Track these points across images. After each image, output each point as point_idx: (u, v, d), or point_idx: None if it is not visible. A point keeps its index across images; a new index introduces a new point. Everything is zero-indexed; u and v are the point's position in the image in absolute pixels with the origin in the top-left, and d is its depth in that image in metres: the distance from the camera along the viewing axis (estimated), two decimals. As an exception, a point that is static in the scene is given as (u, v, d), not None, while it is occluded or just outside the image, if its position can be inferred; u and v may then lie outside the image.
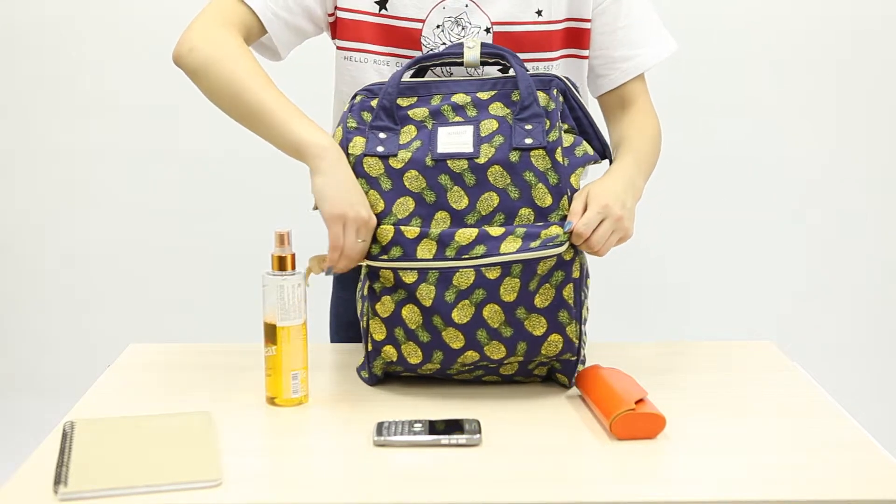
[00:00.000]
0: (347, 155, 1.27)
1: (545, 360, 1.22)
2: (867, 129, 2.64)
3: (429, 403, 1.21)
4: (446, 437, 1.08)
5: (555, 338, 1.19)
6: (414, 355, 1.22)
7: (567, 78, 1.27)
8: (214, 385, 1.28)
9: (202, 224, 2.64)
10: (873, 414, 1.68)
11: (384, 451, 1.07)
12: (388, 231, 1.21)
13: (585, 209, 1.20)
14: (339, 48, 1.39)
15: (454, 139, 1.22)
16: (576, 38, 1.39)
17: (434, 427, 1.10)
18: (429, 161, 1.22)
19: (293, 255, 1.18)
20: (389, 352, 1.23)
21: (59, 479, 0.97)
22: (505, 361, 1.21)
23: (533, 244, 1.16)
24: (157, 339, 1.58)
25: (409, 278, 1.19)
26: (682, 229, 2.61)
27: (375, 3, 1.34)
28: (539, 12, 1.35)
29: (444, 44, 1.34)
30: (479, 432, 1.08)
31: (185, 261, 2.65)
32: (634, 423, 1.10)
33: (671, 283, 2.62)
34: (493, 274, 1.17)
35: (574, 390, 1.26)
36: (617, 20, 1.39)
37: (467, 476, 1.01)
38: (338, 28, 1.37)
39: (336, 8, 1.36)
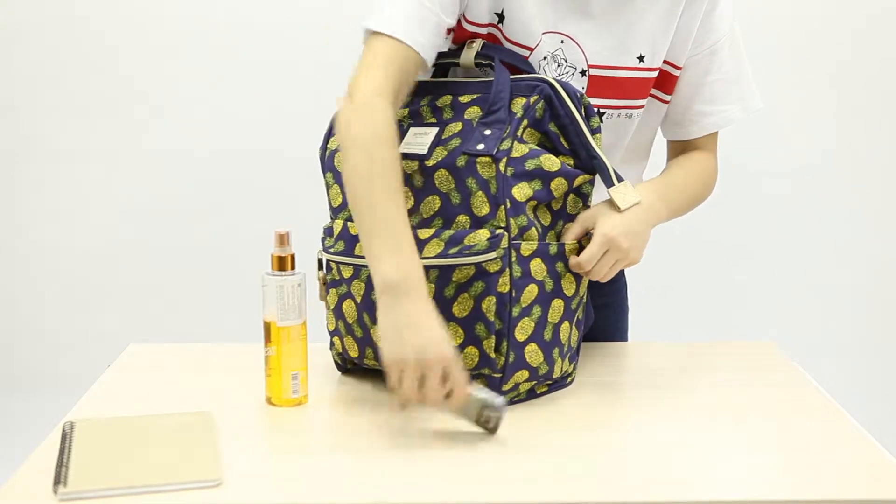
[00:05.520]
0: (326, 149, 1.29)
1: (473, 373, 1.17)
2: (866, 129, 2.64)
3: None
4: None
5: (471, 350, 1.15)
6: (352, 349, 1.25)
7: (563, 83, 1.21)
8: (214, 385, 1.28)
9: (202, 224, 2.64)
10: (873, 414, 1.68)
11: (384, 451, 1.07)
12: (338, 225, 1.24)
13: (587, 234, 1.20)
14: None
15: (417, 140, 1.21)
16: (663, 82, 1.35)
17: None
18: None
19: (293, 255, 1.17)
20: (337, 343, 1.28)
21: (58, 479, 0.97)
22: None
23: (451, 250, 1.14)
24: (157, 339, 1.58)
25: (347, 273, 1.23)
26: (682, 229, 2.61)
27: (496, 14, 1.27)
28: (641, 58, 1.30)
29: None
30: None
31: (185, 261, 2.66)
32: None
33: (671, 284, 2.63)
34: None
35: (572, 389, 1.25)
36: (708, 73, 1.36)
37: (467, 476, 1.01)
38: (457, 34, 1.29)
39: (465, 20, 1.27)
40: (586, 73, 1.29)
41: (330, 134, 1.30)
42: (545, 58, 1.28)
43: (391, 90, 1.19)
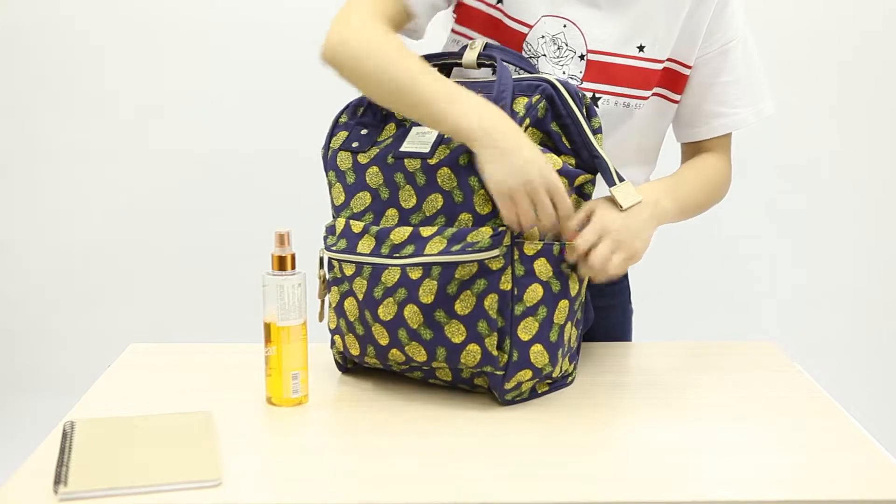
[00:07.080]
0: (328, 148, 1.29)
1: (475, 370, 1.18)
2: (868, 129, 2.64)
3: (430, 403, 1.21)
4: None
5: (473, 348, 1.15)
6: (353, 347, 1.25)
7: (565, 82, 1.20)
8: (214, 385, 1.28)
9: (202, 224, 2.64)
10: (873, 414, 1.68)
11: (384, 451, 1.07)
12: (341, 223, 1.25)
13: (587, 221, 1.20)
14: (452, 30, 1.35)
15: (419, 139, 1.21)
16: (672, 80, 1.35)
17: None
18: (390, 158, 1.22)
19: (293, 255, 1.18)
20: (338, 341, 1.28)
21: (59, 479, 0.97)
22: (432, 365, 1.20)
23: (454, 248, 1.14)
24: (157, 339, 1.58)
25: (349, 271, 1.23)
26: (682, 229, 2.61)
27: None
28: (641, 48, 1.31)
29: (543, 55, 1.30)
30: None
31: (185, 261, 2.65)
32: None
33: (671, 284, 2.62)
34: (415, 274, 1.16)
35: (572, 389, 1.25)
36: (719, 74, 1.36)
37: (467, 476, 1.01)
38: (458, 11, 1.33)
39: None
40: (585, 58, 1.30)
41: (332, 134, 1.30)
42: (543, 36, 1.29)
43: (382, 20, 1.23)
